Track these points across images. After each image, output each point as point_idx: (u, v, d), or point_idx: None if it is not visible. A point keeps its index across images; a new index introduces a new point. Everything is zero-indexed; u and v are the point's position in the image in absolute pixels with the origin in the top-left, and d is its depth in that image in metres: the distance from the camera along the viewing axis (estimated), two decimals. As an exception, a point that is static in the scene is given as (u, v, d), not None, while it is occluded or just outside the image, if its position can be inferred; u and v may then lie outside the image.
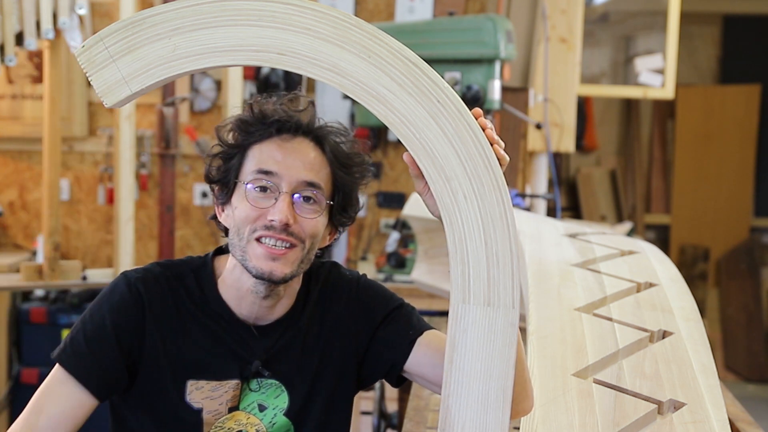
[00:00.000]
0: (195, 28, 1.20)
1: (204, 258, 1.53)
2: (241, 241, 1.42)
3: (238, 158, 1.45)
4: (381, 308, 1.55)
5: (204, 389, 1.46)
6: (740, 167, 6.44)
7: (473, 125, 1.20)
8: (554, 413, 1.24)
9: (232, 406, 1.48)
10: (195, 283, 1.49)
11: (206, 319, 1.47)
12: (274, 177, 1.41)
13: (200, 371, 1.46)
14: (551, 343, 1.45)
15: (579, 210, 6.32)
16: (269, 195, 1.42)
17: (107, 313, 1.44)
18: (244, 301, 1.47)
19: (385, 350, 1.53)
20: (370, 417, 2.96)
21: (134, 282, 1.46)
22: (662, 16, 4.64)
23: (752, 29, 6.50)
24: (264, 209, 1.41)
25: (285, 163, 1.42)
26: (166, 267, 1.50)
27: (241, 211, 1.42)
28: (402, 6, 4.18)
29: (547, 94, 3.80)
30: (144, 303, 1.44)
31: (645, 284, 1.79)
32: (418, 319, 1.55)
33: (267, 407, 1.50)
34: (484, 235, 1.20)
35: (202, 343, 1.46)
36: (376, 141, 4.15)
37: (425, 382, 1.54)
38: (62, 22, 3.12)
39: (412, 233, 3.43)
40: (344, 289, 1.56)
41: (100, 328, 1.43)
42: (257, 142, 1.44)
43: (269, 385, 1.50)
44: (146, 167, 4.24)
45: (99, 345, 1.42)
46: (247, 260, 1.42)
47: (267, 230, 1.40)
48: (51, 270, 3.38)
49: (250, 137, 1.45)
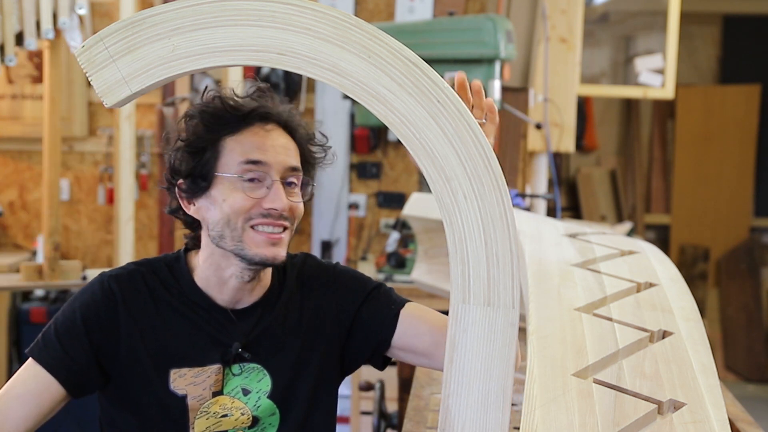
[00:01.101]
0: (195, 28, 1.20)
1: (177, 253, 1.57)
2: (234, 231, 1.45)
3: (211, 152, 1.46)
4: (360, 290, 1.59)
5: (186, 376, 1.48)
6: (740, 167, 6.44)
7: (473, 125, 1.20)
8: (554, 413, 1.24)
9: (215, 390, 1.50)
10: (170, 275, 1.52)
11: (184, 308, 1.50)
12: (263, 166, 1.45)
13: (182, 359, 1.48)
14: (551, 343, 1.45)
15: (579, 210, 6.32)
16: (259, 184, 1.45)
17: (77, 309, 1.47)
18: (226, 287, 1.50)
19: (370, 329, 1.57)
20: (370, 417, 2.96)
21: (107, 280, 1.49)
22: (662, 16, 4.64)
23: (752, 29, 6.50)
24: (258, 198, 1.44)
25: (270, 151, 1.46)
26: (140, 264, 1.54)
27: (234, 202, 1.44)
28: (402, 6, 4.19)
29: (547, 94, 3.80)
30: (117, 300, 1.48)
31: (645, 284, 1.79)
32: (397, 295, 1.61)
33: (251, 391, 1.52)
34: (484, 235, 1.20)
35: (181, 332, 1.49)
36: (376, 141, 4.15)
37: (412, 355, 1.57)
38: (62, 22, 3.12)
39: (412, 233, 3.43)
40: (321, 274, 1.61)
41: (70, 322, 1.46)
42: (231, 134, 1.46)
43: (251, 369, 1.52)
44: (146, 167, 4.24)
45: (68, 338, 1.46)
46: (245, 249, 1.45)
47: (264, 218, 1.44)
48: (51, 270, 3.38)
49: (222, 129, 1.46)
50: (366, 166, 4.23)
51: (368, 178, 4.25)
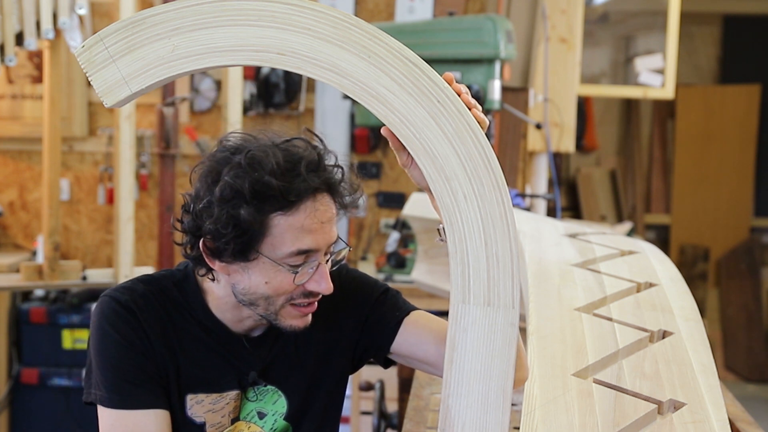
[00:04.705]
0: (195, 28, 1.20)
1: (185, 270, 1.48)
2: (271, 305, 1.39)
3: (257, 229, 1.33)
4: (368, 297, 1.55)
5: (204, 402, 1.44)
6: (740, 167, 6.44)
7: (473, 125, 1.20)
8: (554, 413, 1.24)
9: (234, 417, 1.47)
10: (180, 296, 1.45)
11: (197, 331, 1.45)
12: (313, 253, 1.37)
13: (198, 384, 1.44)
14: (551, 343, 1.45)
15: (579, 210, 6.32)
16: (306, 266, 1.37)
17: (110, 330, 1.39)
18: (241, 323, 1.46)
19: (375, 334, 1.54)
20: (370, 417, 2.96)
21: (121, 299, 1.41)
22: (662, 16, 4.64)
23: (752, 29, 6.49)
24: (305, 281, 1.38)
25: (321, 233, 1.37)
26: (147, 282, 1.45)
27: (279, 286, 1.37)
28: (402, 6, 4.18)
29: (547, 94, 3.80)
30: (138, 315, 1.40)
31: (645, 284, 1.79)
32: (403, 302, 1.57)
33: (266, 414, 1.49)
34: (484, 235, 1.20)
35: (197, 356, 1.44)
36: (376, 141, 4.15)
37: (414, 361, 1.55)
38: (62, 22, 3.12)
39: (412, 233, 3.43)
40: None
41: (116, 346, 1.38)
42: (281, 212, 1.33)
43: (266, 392, 1.49)
44: (146, 167, 4.24)
45: (127, 360, 1.38)
46: (278, 320, 1.41)
47: (306, 297, 1.40)
48: (51, 270, 3.38)
49: (272, 207, 1.33)
50: (366, 166, 4.22)
51: (368, 178, 4.25)
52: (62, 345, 4.01)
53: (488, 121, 1.25)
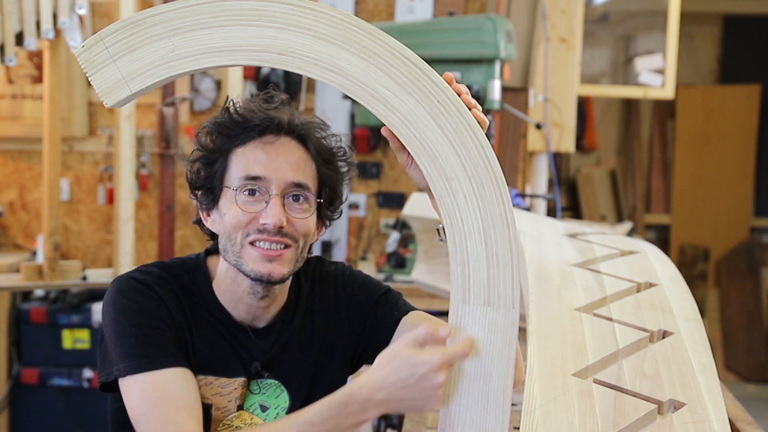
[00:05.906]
0: (195, 28, 1.20)
1: (196, 259, 1.52)
2: (234, 246, 1.42)
3: (220, 163, 1.43)
4: (369, 297, 1.57)
5: (213, 385, 1.46)
6: (740, 167, 6.44)
7: (473, 125, 1.20)
8: (554, 413, 1.24)
9: (239, 404, 1.49)
10: (192, 284, 1.49)
11: (208, 317, 1.48)
12: (262, 181, 1.41)
13: (207, 366, 1.46)
14: (551, 343, 1.45)
15: (579, 210, 6.32)
16: (259, 198, 1.41)
17: (128, 302, 1.40)
18: (241, 303, 1.48)
19: (374, 334, 1.56)
20: (370, 417, 2.95)
21: (138, 277, 1.44)
22: (662, 16, 4.64)
23: (752, 29, 6.50)
24: (255, 213, 1.41)
25: (272, 165, 1.42)
26: (162, 268, 1.49)
27: (232, 216, 1.42)
28: (402, 6, 4.18)
29: (547, 94, 3.80)
30: (157, 291, 1.43)
31: (645, 284, 1.79)
32: (403, 302, 1.59)
33: (269, 407, 1.51)
34: (484, 235, 1.20)
35: (207, 339, 1.46)
36: (376, 141, 4.15)
37: None
38: (62, 22, 3.12)
39: (412, 233, 3.43)
40: (331, 284, 1.59)
41: (136, 314, 1.39)
42: (239, 146, 1.43)
43: (268, 385, 1.51)
44: (146, 167, 4.24)
45: (149, 325, 1.39)
46: (243, 264, 1.42)
47: (260, 234, 1.41)
48: (51, 270, 3.38)
49: (232, 141, 1.43)
50: (366, 166, 4.22)
51: (368, 178, 4.25)
52: (62, 345, 4.01)
53: (488, 121, 1.26)
